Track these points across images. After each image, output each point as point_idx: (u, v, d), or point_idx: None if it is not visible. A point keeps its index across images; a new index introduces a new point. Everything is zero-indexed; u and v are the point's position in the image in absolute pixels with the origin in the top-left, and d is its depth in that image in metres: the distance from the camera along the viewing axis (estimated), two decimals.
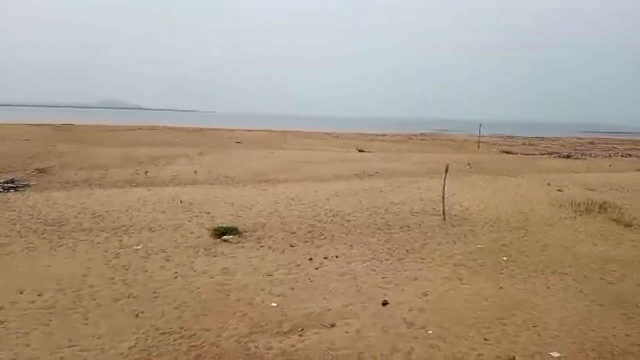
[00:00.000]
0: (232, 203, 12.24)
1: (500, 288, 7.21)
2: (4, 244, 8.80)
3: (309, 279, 7.44)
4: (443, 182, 11.31)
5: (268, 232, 9.87)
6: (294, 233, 9.85)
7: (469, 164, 23.36)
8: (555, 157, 32.47)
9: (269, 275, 7.54)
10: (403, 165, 22.34)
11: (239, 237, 9.43)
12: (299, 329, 5.79)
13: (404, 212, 11.44)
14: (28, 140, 26.13)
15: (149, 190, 14.05)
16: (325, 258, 8.43)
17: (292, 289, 7.02)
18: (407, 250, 8.91)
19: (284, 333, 5.71)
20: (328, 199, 12.71)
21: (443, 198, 11.10)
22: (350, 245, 9.15)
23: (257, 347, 5.36)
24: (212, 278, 7.40)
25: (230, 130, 46.61)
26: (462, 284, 7.33)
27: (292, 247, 9.04)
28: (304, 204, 12.16)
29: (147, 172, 18.41)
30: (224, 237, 9.33)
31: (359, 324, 5.90)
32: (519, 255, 8.75)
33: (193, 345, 5.40)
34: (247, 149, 27.96)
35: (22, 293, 6.66)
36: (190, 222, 10.45)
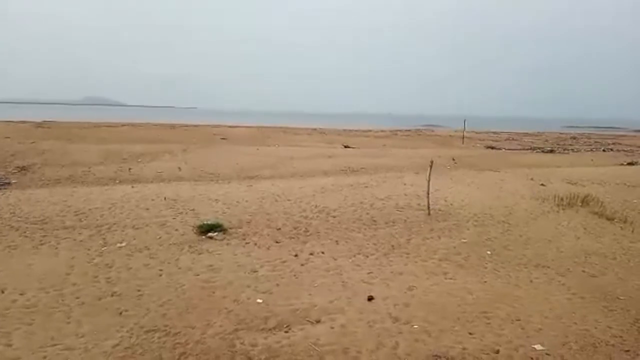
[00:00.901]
0: (217, 200, 12.16)
1: (485, 282, 7.29)
2: None
3: (295, 275, 7.43)
4: (428, 177, 11.37)
5: (253, 228, 9.83)
6: (280, 229, 9.82)
7: (454, 159, 23.56)
8: (539, 152, 32.88)
9: (255, 272, 7.51)
10: (388, 161, 22.44)
11: (224, 233, 9.37)
12: (285, 325, 5.78)
13: (389, 207, 11.48)
14: (9, 138, 25.66)
15: (133, 188, 13.89)
16: (311, 254, 8.42)
17: (277, 286, 7.00)
18: (392, 246, 8.95)
19: (270, 329, 5.69)
20: (314, 195, 12.70)
21: (428, 193, 11.15)
22: (336, 241, 9.16)
23: (242, 343, 5.34)
24: (197, 275, 7.34)
25: (215, 126, 46.36)
26: (447, 279, 7.39)
27: (277, 243, 9.02)
28: (290, 200, 12.13)
29: (130, 169, 18.22)
30: (209, 234, 9.26)
31: (345, 320, 5.91)
32: (503, 250, 8.84)
33: (178, 343, 5.35)
34: (232, 145, 27.83)
35: (3, 292, 6.54)
36: (175, 219, 10.35)
